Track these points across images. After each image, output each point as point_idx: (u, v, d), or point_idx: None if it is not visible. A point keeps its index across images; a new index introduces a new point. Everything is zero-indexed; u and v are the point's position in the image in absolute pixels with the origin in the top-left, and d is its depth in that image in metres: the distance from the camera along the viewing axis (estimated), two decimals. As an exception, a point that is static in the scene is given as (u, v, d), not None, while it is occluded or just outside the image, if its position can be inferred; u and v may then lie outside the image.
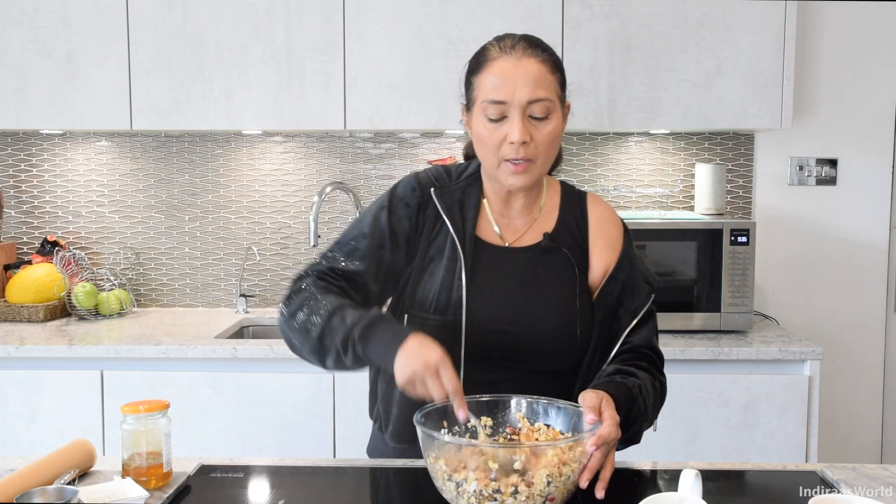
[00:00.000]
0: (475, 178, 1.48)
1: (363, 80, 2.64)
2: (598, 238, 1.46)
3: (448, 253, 1.41)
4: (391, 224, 1.43)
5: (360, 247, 1.42)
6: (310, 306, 1.34)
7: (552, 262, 1.43)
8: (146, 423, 1.29)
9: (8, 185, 3.09)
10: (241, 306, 2.98)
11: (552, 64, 1.36)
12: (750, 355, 2.39)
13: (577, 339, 1.40)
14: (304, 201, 3.05)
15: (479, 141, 1.38)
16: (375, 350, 1.27)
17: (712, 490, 1.23)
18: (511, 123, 1.33)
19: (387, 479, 1.37)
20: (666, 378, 1.46)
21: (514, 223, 1.47)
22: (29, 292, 2.82)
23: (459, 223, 1.43)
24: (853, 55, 2.92)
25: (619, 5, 2.60)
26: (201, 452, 2.37)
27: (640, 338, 1.43)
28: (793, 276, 3.00)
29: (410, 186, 1.47)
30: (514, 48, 1.35)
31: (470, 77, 1.40)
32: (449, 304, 1.38)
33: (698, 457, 2.41)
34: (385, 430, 1.48)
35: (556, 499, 1.11)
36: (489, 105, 1.34)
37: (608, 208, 1.51)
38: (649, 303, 1.45)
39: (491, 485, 1.08)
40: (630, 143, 3.00)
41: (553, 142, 1.37)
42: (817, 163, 2.96)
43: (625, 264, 1.44)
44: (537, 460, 1.12)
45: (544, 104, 1.33)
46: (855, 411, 3.02)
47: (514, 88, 1.32)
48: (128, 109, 2.67)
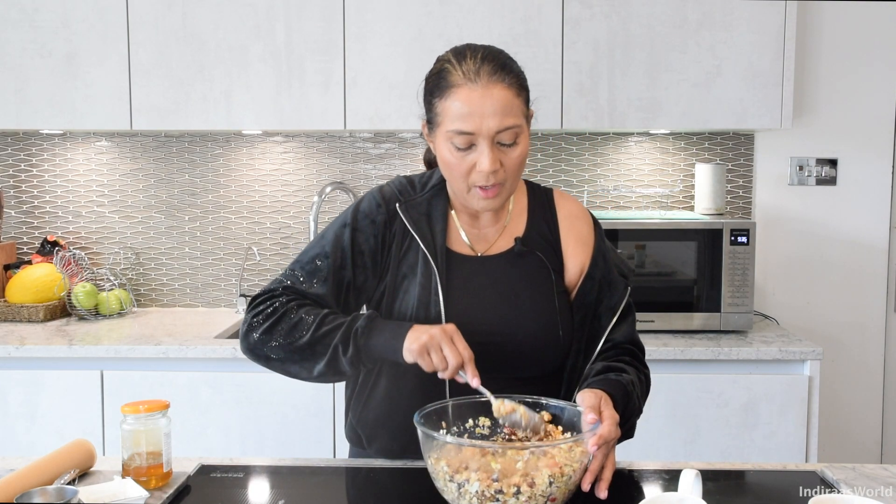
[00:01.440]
0: (440, 189, 1.45)
1: (363, 80, 2.64)
2: (570, 236, 1.45)
3: (421, 268, 1.39)
4: (355, 242, 1.40)
5: (322, 268, 1.39)
6: (290, 319, 1.31)
7: (526, 266, 1.42)
8: (146, 423, 1.29)
9: (8, 185, 3.09)
10: (241, 306, 2.98)
11: (517, 86, 1.32)
12: (750, 355, 2.39)
13: (559, 341, 1.40)
14: (304, 201, 3.05)
15: (447, 167, 1.35)
16: (380, 338, 1.27)
17: (712, 490, 1.23)
18: (480, 153, 1.30)
19: (387, 479, 1.37)
20: (649, 370, 1.46)
21: (483, 232, 1.45)
22: (29, 292, 2.82)
23: (429, 237, 1.41)
24: (853, 55, 2.92)
25: (619, 5, 2.60)
26: (201, 452, 2.37)
27: (621, 334, 1.43)
28: (793, 276, 3.00)
29: (375, 202, 1.44)
30: (478, 74, 1.29)
31: (430, 98, 1.35)
32: (428, 320, 1.36)
33: (698, 457, 2.41)
34: (369, 446, 1.46)
35: (557, 499, 1.11)
36: (455, 135, 1.30)
37: (576, 204, 1.50)
38: (626, 296, 1.44)
39: (493, 485, 1.08)
40: (630, 143, 3.00)
41: (522, 163, 1.35)
42: (817, 163, 2.96)
43: (599, 260, 1.44)
44: (539, 461, 1.12)
45: (513, 131, 1.30)
46: (855, 411, 3.02)
47: (481, 119, 1.28)
48: (128, 109, 2.67)
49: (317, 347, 1.29)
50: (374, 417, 1.43)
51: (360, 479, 1.38)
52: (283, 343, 1.31)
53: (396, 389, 1.40)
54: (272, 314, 1.33)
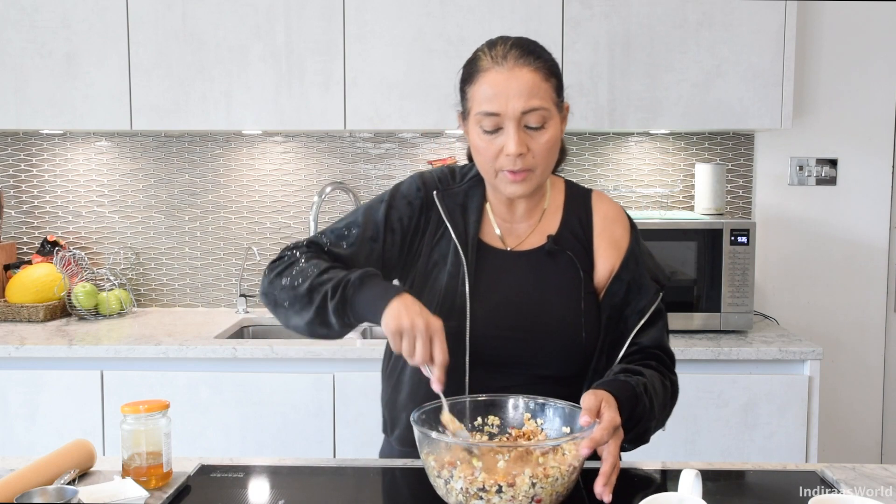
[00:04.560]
0: (478, 181, 1.47)
1: (363, 80, 2.64)
2: (603, 238, 1.44)
3: (451, 259, 1.40)
4: (388, 218, 1.43)
5: (352, 234, 1.42)
6: (300, 267, 1.34)
7: (556, 265, 1.42)
8: (146, 423, 1.29)
9: (8, 185, 3.09)
10: (241, 306, 2.98)
11: (546, 70, 1.33)
12: (750, 355, 2.39)
13: (582, 342, 1.39)
14: (304, 201, 3.05)
15: (477, 151, 1.37)
16: (367, 295, 1.26)
17: (712, 490, 1.23)
18: (506, 135, 1.31)
19: (387, 479, 1.37)
20: (677, 377, 1.45)
21: (517, 227, 1.46)
22: (29, 292, 2.82)
23: (462, 228, 1.42)
24: (853, 55, 2.92)
25: (619, 5, 2.60)
26: (201, 452, 2.37)
27: (648, 338, 1.41)
28: (793, 276, 3.00)
29: (415, 186, 1.46)
30: (505, 58, 1.32)
31: (463, 86, 1.38)
32: (453, 311, 1.37)
33: (698, 457, 2.41)
34: (391, 434, 1.48)
35: (543, 500, 1.11)
36: (483, 117, 1.32)
37: (613, 206, 1.49)
38: (657, 301, 1.42)
39: (476, 482, 1.09)
40: (630, 143, 3.00)
41: (551, 149, 1.35)
42: (817, 163, 2.96)
43: (630, 263, 1.42)
44: (520, 461, 1.12)
45: (539, 113, 1.31)
46: (855, 411, 3.02)
47: (507, 100, 1.30)
48: (128, 109, 2.67)
49: (313, 294, 1.30)
50: (399, 400, 1.44)
51: (361, 479, 1.37)
52: (288, 286, 1.33)
53: (420, 375, 1.38)
54: (287, 260, 1.38)
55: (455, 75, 1.42)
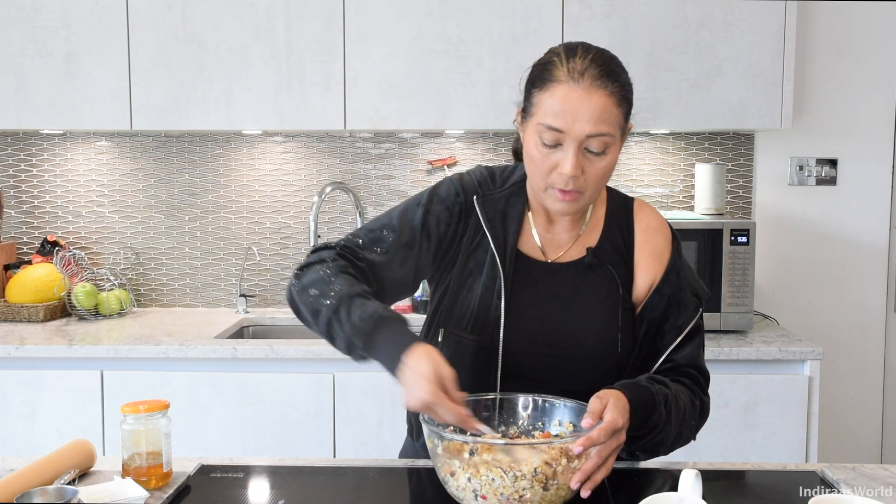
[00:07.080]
0: (520, 188, 1.41)
1: (363, 80, 2.64)
2: (644, 250, 1.40)
3: (487, 269, 1.36)
4: (425, 223, 1.38)
5: (387, 239, 1.37)
6: (321, 287, 1.28)
7: (595, 279, 1.38)
8: (146, 423, 1.29)
9: (8, 185, 3.09)
10: (241, 306, 2.98)
11: (620, 97, 1.28)
12: (750, 355, 2.39)
13: (617, 358, 1.35)
14: (304, 201, 3.05)
15: (530, 160, 1.31)
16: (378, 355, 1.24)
17: (712, 490, 1.23)
18: (565, 153, 1.25)
19: (386, 479, 1.37)
20: (709, 398, 1.40)
21: (558, 238, 1.41)
22: (29, 292, 2.82)
23: (501, 237, 1.37)
24: (853, 55, 2.92)
25: (619, 5, 2.60)
26: (201, 452, 2.37)
27: (683, 356, 1.36)
28: (793, 276, 3.00)
29: (454, 190, 1.40)
30: (582, 76, 1.25)
31: (530, 87, 1.31)
32: (487, 325, 1.34)
33: (698, 457, 2.40)
34: (416, 440, 1.46)
35: (530, 500, 1.11)
36: (545, 129, 1.26)
37: (656, 216, 1.45)
38: (696, 318, 1.38)
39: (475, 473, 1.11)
40: (630, 143, 2.99)
41: (605, 175, 1.30)
42: (817, 163, 2.96)
43: (671, 277, 1.38)
44: (518, 457, 1.13)
45: (603, 140, 1.26)
46: (855, 411, 3.02)
47: (574, 120, 1.24)
48: (128, 109, 2.67)
49: (332, 332, 1.26)
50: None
51: (361, 479, 1.37)
52: (309, 307, 1.29)
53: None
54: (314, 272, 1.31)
55: (455, 75, 1.41)
